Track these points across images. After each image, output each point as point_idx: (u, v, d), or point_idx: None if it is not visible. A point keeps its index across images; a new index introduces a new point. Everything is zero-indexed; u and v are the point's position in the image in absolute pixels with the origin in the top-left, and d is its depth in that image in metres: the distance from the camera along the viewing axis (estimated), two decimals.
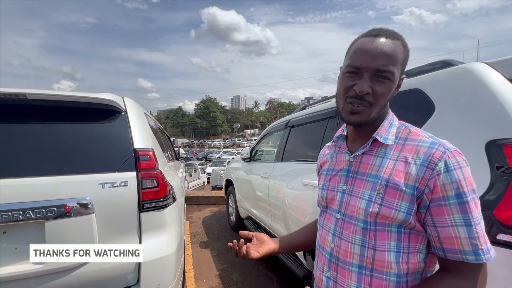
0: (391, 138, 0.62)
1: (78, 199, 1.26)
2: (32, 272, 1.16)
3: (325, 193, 0.72)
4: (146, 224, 1.39)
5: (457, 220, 0.53)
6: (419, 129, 0.63)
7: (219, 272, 2.72)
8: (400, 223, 0.57)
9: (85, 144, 1.41)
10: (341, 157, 0.72)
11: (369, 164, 0.63)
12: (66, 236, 1.22)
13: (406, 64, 0.61)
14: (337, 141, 0.75)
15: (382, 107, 0.61)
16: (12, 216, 1.14)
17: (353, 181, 0.65)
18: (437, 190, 0.54)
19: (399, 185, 0.57)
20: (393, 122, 0.65)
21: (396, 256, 0.58)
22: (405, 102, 1.36)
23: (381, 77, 0.57)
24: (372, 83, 0.57)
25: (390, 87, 0.58)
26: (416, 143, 0.59)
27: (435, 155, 0.55)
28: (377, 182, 0.60)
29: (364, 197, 0.61)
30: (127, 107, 1.57)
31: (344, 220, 0.65)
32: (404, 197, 0.56)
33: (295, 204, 2.11)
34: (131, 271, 1.33)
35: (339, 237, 0.65)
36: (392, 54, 0.57)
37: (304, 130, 2.39)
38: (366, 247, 0.60)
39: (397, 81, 0.59)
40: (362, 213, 0.61)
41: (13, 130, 1.33)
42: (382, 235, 0.59)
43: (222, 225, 4.27)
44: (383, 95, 0.58)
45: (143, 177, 1.40)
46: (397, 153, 0.60)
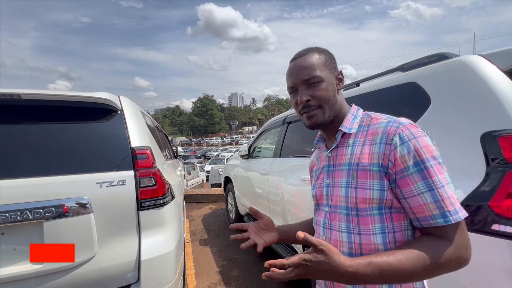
0: (354, 127, 0.69)
1: (76, 199, 1.25)
2: (31, 273, 1.16)
3: (315, 191, 0.77)
4: (145, 223, 1.39)
5: (421, 187, 0.56)
6: (381, 114, 0.69)
7: (219, 269, 2.74)
8: (378, 203, 0.61)
9: (82, 143, 1.40)
10: (322, 155, 0.78)
11: (343, 154, 0.69)
12: (65, 236, 1.22)
13: (331, 62, 0.71)
14: (317, 143, 0.82)
15: (332, 104, 0.69)
16: (10, 217, 1.14)
17: (333, 173, 0.71)
18: (398, 163, 0.58)
19: (366, 166, 0.62)
20: (356, 114, 0.72)
21: (383, 237, 0.61)
22: (400, 96, 1.37)
23: (312, 83, 0.68)
24: (308, 91, 0.68)
25: (324, 86, 0.68)
26: (376, 126, 0.65)
27: (390, 131, 0.61)
28: (351, 168, 0.65)
29: (342, 185, 0.66)
30: (123, 105, 1.57)
31: (331, 211, 0.69)
32: (373, 175, 0.61)
33: (294, 199, 2.12)
34: (131, 270, 1.33)
35: (328, 228, 0.69)
36: (309, 64, 0.68)
37: (301, 126, 2.37)
38: (351, 233, 0.63)
39: (331, 78, 0.69)
40: (343, 200, 0.65)
41: (8, 130, 1.32)
42: (365, 219, 0.62)
43: (221, 222, 4.29)
44: (323, 95, 0.68)
45: (141, 176, 1.40)
46: (363, 139, 0.66)
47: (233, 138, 58.76)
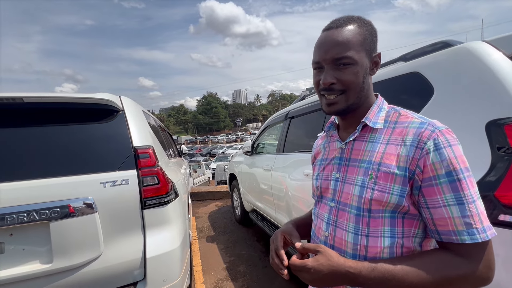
0: (380, 122, 0.62)
1: (81, 199, 1.27)
2: (40, 272, 1.19)
3: (319, 182, 0.72)
4: (149, 221, 1.41)
5: (449, 200, 0.51)
6: (409, 111, 0.62)
7: (226, 265, 2.76)
8: (393, 208, 0.57)
9: (85, 144, 1.42)
10: (333, 145, 0.71)
11: (360, 150, 0.63)
12: (71, 236, 1.24)
13: (372, 41, 0.61)
14: (329, 130, 0.75)
15: (359, 91, 0.61)
16: (17, 219, 1.17)
17: (345, 168, 0.65)
18: (427, 170, 0.53)
19: (390, 168, 0.56)
20: (382, 107, 0.65)
21: (391, 241, 0.57)
22: (403, 87, 1.34)
23: (342, 64, 0.59)
24: (335, 73, 0.59)
25: (355, 70, 0.59)
26: (406, 124, 0.58)
27: (423, 134, 0.54)
28: (369, 167, 0.59)
29: (357, 183, 0.61)
30: (124, 105, 1.58)
31: (338, 208, 0.64)
32: (396, 179, 0.56)
33: (298, 194, 2.11)
34: (137, 267, 1.35)
35: (333, 225, 0.65)
36: (344, 41, 0.58)
37: (304, 120, 2.37)
38: (359, 235, 0.59)
39: (364, 61, 0.60)
40: (356, 200, 0.60)
41: (13, 134, 1.35)
42: (375, 221, 0.58)
43: (228, 219, 4.31)
44: (350, 81, 0.59)
45: (144, 175, 1.41)
46: (388, 137, 0.60)
47: (238, 135, 58.84)
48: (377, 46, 0.63)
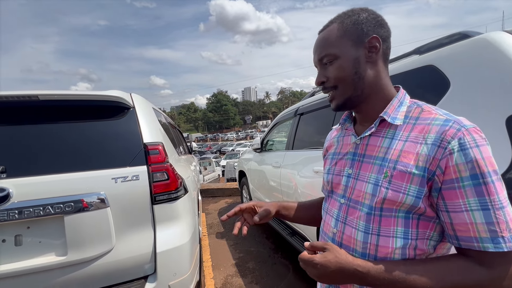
0: (400, 118, 0.58)
1: (94, 194, 1.30)
2: (56, 264, 1.23)
3: (331, 177, 0.69)
4: (159, 216, 1.43)
5: (472, 204, 0.48)
6: (434, 106, 0.58)
7: (235, 261, 2.78)
8: (408, 209, 0.54)
9: (97, 140, 1.45)
10: (348, 139, 0.69)
11: (376, 146, 0.60)
12: (84, 230, 1.28)
13: (357, 29, 0.59)
14: (344, 123, 0.72)
15: (352, 83, 0.60)
16: (33, 212, 1.21)
17: (359, 164, 0.62)
18: (450, 171, 0.49)
19: (407, 167, 0.53)
20: (403, 101, 0.60)
21: (403, 242, 0.54)
22: (417, 81, 1.29)
23: (326, 63, 0.62)
24: (324, 72, 0.62)
25: (338, 64, 0.60)
26: (428, 121, 0.54)
27: (448, 132, 0.50)
28: (385, 165, 0.56)
29: (370, 181, 0.58)
30: (135, 103, 1.60)
31: (349, 205, 0.62)
32: (413, 179, 0.52)
33: (307, 192, 2.09)
34: (147, 261, 1.38)
35: (342, 222, 0.63)
36: (323, 41, 0.62)
37: (313, 117, 2.34)
38: (369, 234, 0.57)
39: (349, 52, 0.59)
40: (368, 198, 0.58)
41: (29, 130, 1.39)
42: (387, 220, 0.56)
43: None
44: (336, 75, 0.60)
45: (154, 171, 1.43)
46: (407, 134, 0.56)
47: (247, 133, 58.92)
48: (373, 30, 0.58)
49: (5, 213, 1.17)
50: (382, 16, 0.61)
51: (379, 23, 0.59)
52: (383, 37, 0.59)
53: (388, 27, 0.61)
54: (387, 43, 0.60)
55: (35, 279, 1.22)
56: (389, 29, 0.61)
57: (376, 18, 0.59)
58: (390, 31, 0.62)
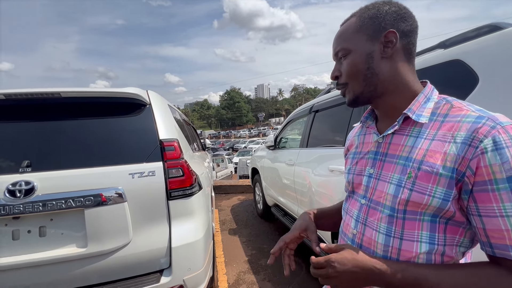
0: (425, 115, 0.54)
1: (112, 189, 1.34)
2: (77, 255, 1.28)
3: (351, 177, 0.67)
4: (174, 212, 1.45)
5: (508, 209, 0.44)
6: (466, 102, 0.54)
7: (248, 258, 2.79)
8: (435, 212, 0.50)
9: (115, 137, 1.49)
10: (369, 138, 0.66)
11: (399, 144, 0.56)
12: (103, 223, 1.31)
13: (374, 23, 0.57)
14: (366, 121, 0.68)
15: (364, 79, 0.58)
16: (56, 205, 1.26)
17: (381, 164, 0.59)
18: (481, 172, 0.45)
19: (434, 168, 0.49)
20: (430, 96, 0.56)
21: (429, 247, 0.51)
22: (442, 76, 1.23)
23: (341, 58, 0.61)
24: (339, 66, 0.62)
25: (351, 60, 0.59)
26: (458, 118, 0.50)
27: (480, 130, 0.46)
28: (408, 165, 0.53)
29: (392, 182, 0.55)
30: (151, 100, 1.62)
31: (370, 206, 0.60)
32: (440, 181, 0.49)
33: (322, 190, 2.06)
34: (163, 255, 1.41)
35: (362, 223, 0.60)
36: (340, 35, 0.61)
37: (329, 114, 2.29)
38: (391, 237, 0.54)
39: (362, 47, 0.57)
40: (389, 199, 0.55)
41: (51, 126, 1.45)
42: (411, 224, 0.52)
43: (249, 212, 4.35)
44: (347, 70, 0.60)
45: (169, 167, 1.45)
46: (434, 132, 0.52)
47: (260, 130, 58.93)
48: (396, 25, 0.55)
49: (30, 205, 1.23)
50: (408, 9, 0.57)
51: (400, 17, 0.55)
52: (404, 31, 0.56)
53: (413, 21, 0.57)
54: (409, 38, 0.56)
55: (57, 269, 1.28)
56: (413, 23, 0.57)
57: (398, 12, 0.56)
58: (416, 24, 0.58)
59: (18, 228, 1.26)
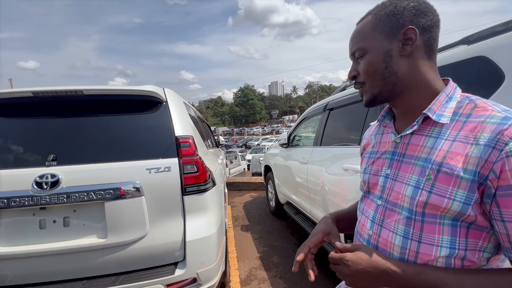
0: (447, 115, 0.52)
1: (130, 183, 1.39)
2: (97, 245, 1.35)
3: (367, 177, 0.66)
4: (189, 207, 1.49)
5: None
6: (491, 102, 0.51)
7: (260, 254, 2.82)
8: (455, 216, 0.49)
9: (133, 133, 1.54)
10: (386, 137, 0.64)
11: (418, 145, 0.55)
12: (122, 216, 1.37)
13: (391, 21, 0.55)
14: (383, 120, 0.67)
15: (382, 78, 0.57)
16: (79, 197, 1.33)
17: (398, 164, 0.58)
18: (506, 176, 0.44)
19: (454, 170, 0.48)
20: (453, 95, 0.54)
21: (449, 251, 0.50)
22: (465, 74, 1.18)
23: (358, 58, 0.60)
24: (356, 66, 0.61)
25: (367, 59, 0.58)
26: (482, 119, 0.48)
27: (506, 132, 0.44)
28: (427, 166, 0.51)
29: (410, 183, 0.54)
30: (167, 97, 1.66)
31: (386, 207, 0.59)
32: (461, 184, 0.47)
33: (335, 189, 2.04)
34: (177, 249, 1.45)
35: (378, 224, 0.59)
36: (356, 35, 0.60)
37: (344, 112, 2.25)
38: (409, 239, 0.53)
39: (379, 46, 0.56)
40: (407, 201, 0.54)
41: (74, 122, 1.52)
42: (431, 227, 0.51)
43: (262, 210, 4.37)
44: (365, 70, 0.59)
45: (184, 163, 1.48)
46: (456, 133, 0.50)
47: (273, 127, 58.73)
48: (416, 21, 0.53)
49: (55, 197, 1.30)
50: (428, 2, 0.55)
51: (420, 12, 0.53)
52: (424, 27, 0.53)
53: (434, 15, 0.54)
54: (430, 33, 0.54)
55: (79, 257, 1.35)
56: (434, 17, 0.54)
57: (417, 7, 0.54)
58: (437, 18, 0.55)
59: (44, 218, 1.34)
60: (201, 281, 1.44)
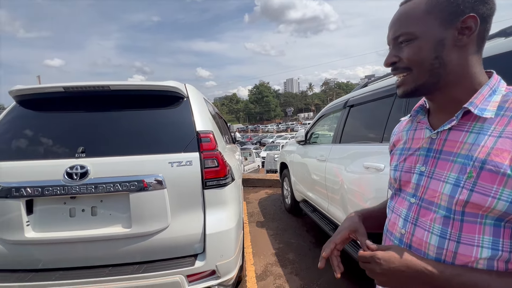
0: (491, 110, 0.49)
1: (154, 176, 1.43)
2: (122, 234, 1.40)
3: (399, 174, 0.63)
4: (209, 201, 1.51)
5: None
6: None
7: (275, 251, 2.82)
8: (500, 215, 0.46)
9: (156, 127, 1.59)
10: (420, 133, 0.61)
11: (457, 141, 0.52)
12: (145, 207, 1.42)
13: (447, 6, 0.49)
14: (416, 115, 0.64)
15: (430, 69, 0.52)
16: (106, 188, 1.38)
17: (434, 161, 0.55)
18: None
19: (500, 168, 0.44)
20: (497, 88, 0.51)
21: (491, 253, 0.47)
22: (502, 68, 1.10)
23: (403, 42, 0.54)
24: (397, 51, 0.55)
25: (418, 46, 0.52)
26: None
27: None
28: (468, 164, 0.48)
29: (448, 181, 0.51)
30: (189, 93, 1.69)
31: (421, 205, 0.56)
32: (507, 182, 0.44)
33: (355, 188, 1.99)
34: (197, 241, 1.48)
35: (412, 223, 0.57)
36: (404, 16, 0.54)
37: (365, 109, 2.19)
38: (446, 239, 0.50)
39: (432, 33, 0.50)
40: (445, 199, 0.51)
41: (101, 116, 1.59)
42: (471, 227, 0.48)
43: (277, 207, 4.37)
44: (410, 58, 0.53)
45: (205, 157, 1.51)
46: (501, 128, 0.47)
47: (288, 125, 58.32)
48: (476, 8, 0.48)
49: (84, 187, 1.37)
50: None
51: None
52: (483, 16, 0.49)
53: (493, 4, 0.50)
54: (486, 23, 0.50)
55: (105, 245, 1.41)
56: (493, 6, 0.50)
57: None
58: (495, 7, 0.51)
59: (74, 207, 1.41)
60: (220, 273, 1.46)
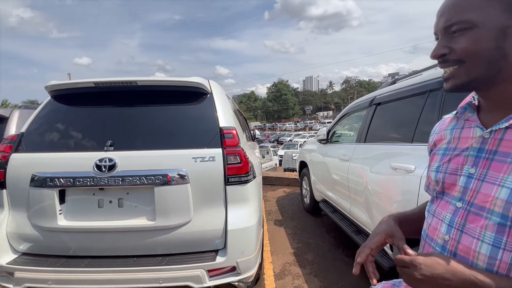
0: None
1: (177, 170, 1.45)
2: (147, 226, 1.44)
3: (441, 176, 0.59)
4: (231, 197, 1.51)
5: None
6: None
7: (293, 250, 2.78)
8: None
9: (180, 122, 1.61)
10: (469, 132, 0.57)
11: None
12: (169, 201, 1.44)
13: None
14: (464, 112, 0.59)
15: (488, 61, 0.47)
16: (132, 181, 1.42)
17: (487, 163, 0.51)
18: None
19: None
20: None
21: None
22: None
23: (456, 32, 0.49)
24: (448, 42, 0.51)
25: (476, 35, 0.47)
26: None
27: None
28: None
29: (505, 185, 0.47)
30: (212, 89, 1.70)
31: (469, 210, 0.51)
32: None
33: (380, 190, 1.90)
34: (219, 237, 1.49)
35: (458, 229, 0.53)
36: (459, 3, 0.48)
37: (394, 107, 2.09)
38: (500, 248, 0.46)
39: (494, 20, 0.45)
40: (500, 205, 0.47)
41: (128, 111, 1.64)
42: None
43: (295, 206, 4.32)
44: (465, 49, 0.48)
45: (228, 154, 1.51)
46: None
47: (306, 124, 57.53)
48: None
49: (112, 179, 1.41)
50: None
51: None
52: None
53: None
54: None
55: (131, 236, 1.46)
56: None
57: None
58: None
59: (102, 198, 1.47)
60: (240, 270, 1.46)
